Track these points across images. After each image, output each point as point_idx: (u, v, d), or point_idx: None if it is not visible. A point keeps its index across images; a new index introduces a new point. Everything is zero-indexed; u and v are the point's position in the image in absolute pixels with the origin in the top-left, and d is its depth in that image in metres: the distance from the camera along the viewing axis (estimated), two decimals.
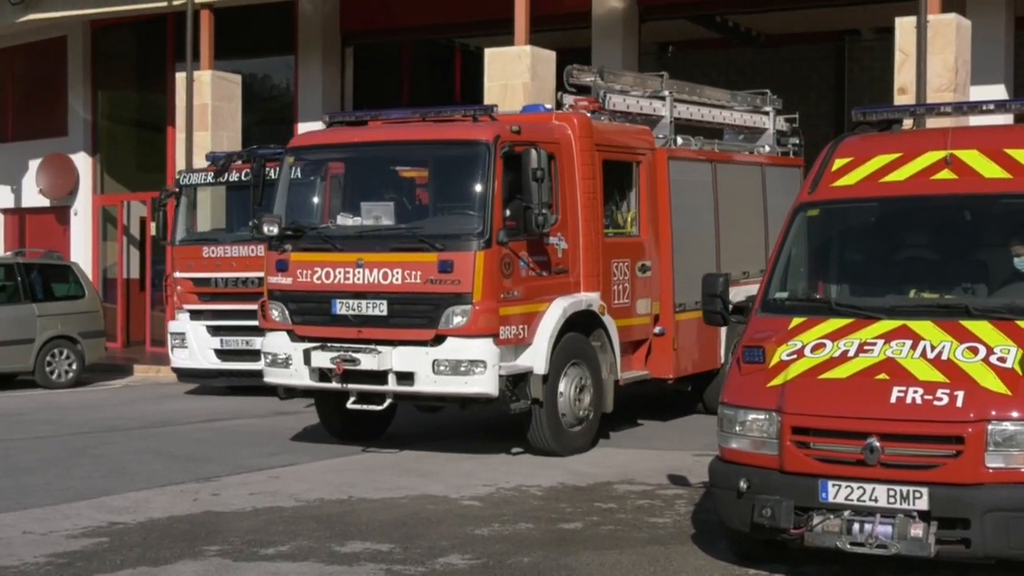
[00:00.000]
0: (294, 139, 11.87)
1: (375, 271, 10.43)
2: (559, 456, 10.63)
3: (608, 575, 7.04)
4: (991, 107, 8.28)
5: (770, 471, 6.58)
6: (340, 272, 10.58)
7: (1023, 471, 6.14)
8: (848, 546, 6.31)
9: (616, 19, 18.84)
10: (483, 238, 10.20)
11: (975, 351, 6.49)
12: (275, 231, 10.90)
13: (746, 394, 6.83)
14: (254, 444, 11.72)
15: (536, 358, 10.51)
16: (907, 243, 7.63)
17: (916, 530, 6.21)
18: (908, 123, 8.64)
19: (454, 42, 22.44)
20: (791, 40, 23.10)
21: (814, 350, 6.80)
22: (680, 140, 12.87)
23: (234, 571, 7.17)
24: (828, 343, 6.81)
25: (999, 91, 15.42)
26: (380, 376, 10.43)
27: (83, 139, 23.60)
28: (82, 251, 22.99)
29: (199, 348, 15.27)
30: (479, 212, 10.30)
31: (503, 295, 10.30)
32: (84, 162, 23.45)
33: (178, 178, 16.06)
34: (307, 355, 10.63)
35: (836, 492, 6.38)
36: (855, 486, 6.34)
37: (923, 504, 6.21)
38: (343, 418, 11.34)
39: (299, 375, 10.78)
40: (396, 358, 10.36)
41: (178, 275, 15.49)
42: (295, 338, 10.83)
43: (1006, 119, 9.29)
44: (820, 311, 7.14)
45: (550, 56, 15.69)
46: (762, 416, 6.66)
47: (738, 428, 6.78)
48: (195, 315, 15.37)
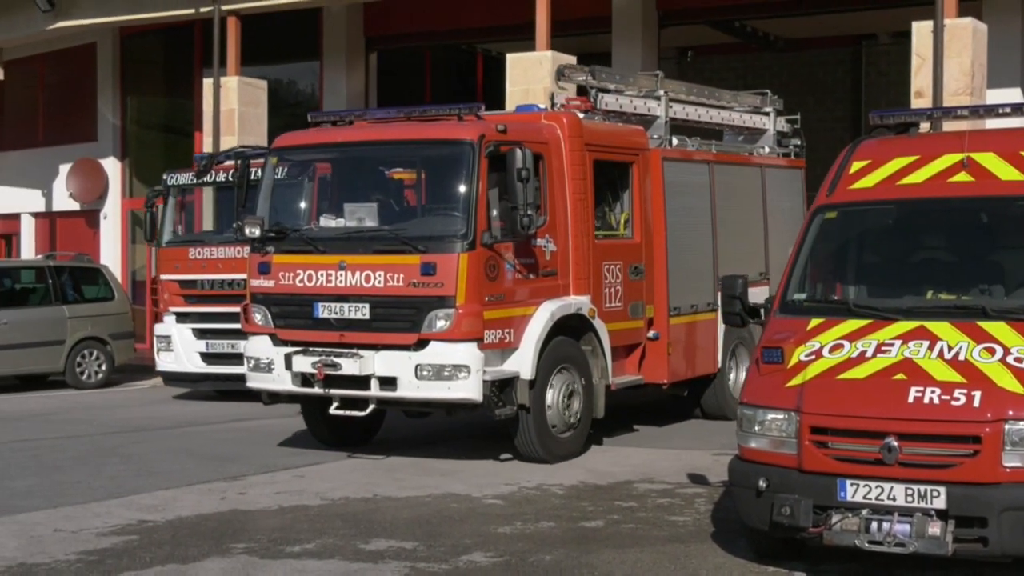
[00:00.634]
0: (277, 139, 11.65)
1: (357, 273, 10.20)
2: (547, 463, 10.39)
3: (629, 573, 7.13)
4: (1007, 110, 8.31)
5: (789, 470, 6.66)
6: (322, 275, 10.35)
7: None
8: (866, 544, 6.37)
9: (636, 24, 18.93)
10: (467, 240, 9.95)
11: (992, 352, 6.56)
12: (257, 233, 10.67)
13: (765, 394, 6.91)
14: (280, 444, 11.82)
15: (523, 363, 10.25)
16: (924, 245, 7.69)
17: (934, 529, 6.27)
18: (925, 126, 8.70)
19: (476, 47, 22.56)
20: (809, 44, 23.14)
21: (832, 351, 6.88)
22: (675, 140, 12.55)
23: (261, 568, 7.27)
24: (846, 344, 6.88)
25: (1015, 95, 15.40)
26: (362, 381, 10.20)
27: (112, 144, 23.86)
28: (111, 254, 23.22)
29: (185, 351, 14.97)
30: (463, 213, 10.04)
31: (488, 298, 10.05)
32: (113, 167, 23.71)
33: (165, 179, 15.72)
34: (288, 360, 10.42)
35: (854, 491, 6.45)
36: (873, 485, 6.41)
37: (941, 503, 6.27)
38: (329, 424, 11.15)
39: (281, 380, 10.56)
40: (379, 363, 10.12)
41: (164, 277, 15.20)
42: (277, 342, 10.61)
43: (1022, 122, 9.33)
44: (838, 312, 7.22)
45: (571, 61, 15.77)
46: (781, 416, 6.74)
47: (757, 428, 6.85)
48: (181, 318, 15.06)
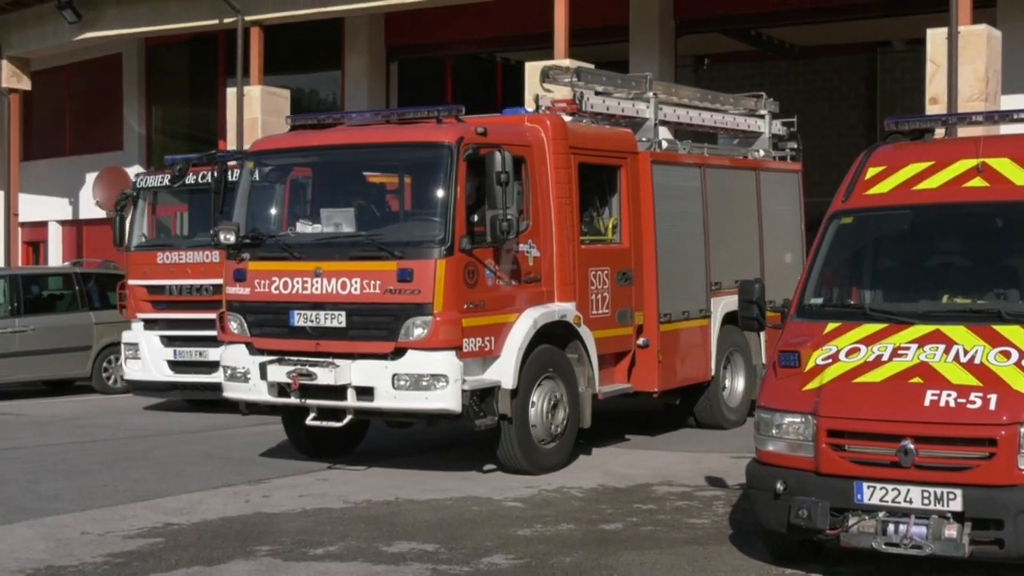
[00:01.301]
0: (254, 143, 11.40)
1: (333, 280, 9.93)
2: (530, 475, 10.10)
3: (648, 575, 7.19)
4: (1022, 116, 8.34)
5: (806, 473, 6.71)
6: (298, 282, 10.08)
7: None
8: (883, 546, 6.42)
9: (653, 32, 19.04)
10: (444, 245, 9.64)
11: (1007, 355, 6.60)
12: (232, 239, 10.39)
13: (782, 398, 6.97)
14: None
15: (504, 372, 9.94)
16: (939, 250, 7.74)
17: (950, 531, 6.31)
18: (940, 132, 8.74)
19: (496, 56, 22.71)
20: (824, 52, 23.22)
21: (849, 354, 6.94)
22: (665, 143, 12.21)
23: (284, 570, 7.36)
24: (862, 347, 6.94)
25: None
26: (339, 391, 9.91)
27: (138, 153, 24.11)
28: None
29: (152, 359, 14.47)
30: (441, 218, 9.73)
31: (467, 305, 9.73)
32: None
33: (134, 181, 15.28)
34: (263, 369, 10.15)
35: (871, 493, 6.50)
36: (890, 487, 6.46)
37: (957, 505, 6.32)
38: (309, 434, 10.83)
39: (257, 390, 10.30)
40: (355, 372, 9.83)
41: (131, 282, 14.76)
42: (253, 351, 10.34)
43: None
44: (854, 316, 7.27)
45: (590, 70, 15.83)
46: (798, 419, 6.80)
47: (774, 431, 6.91)
48: (149, 324, 14.59)
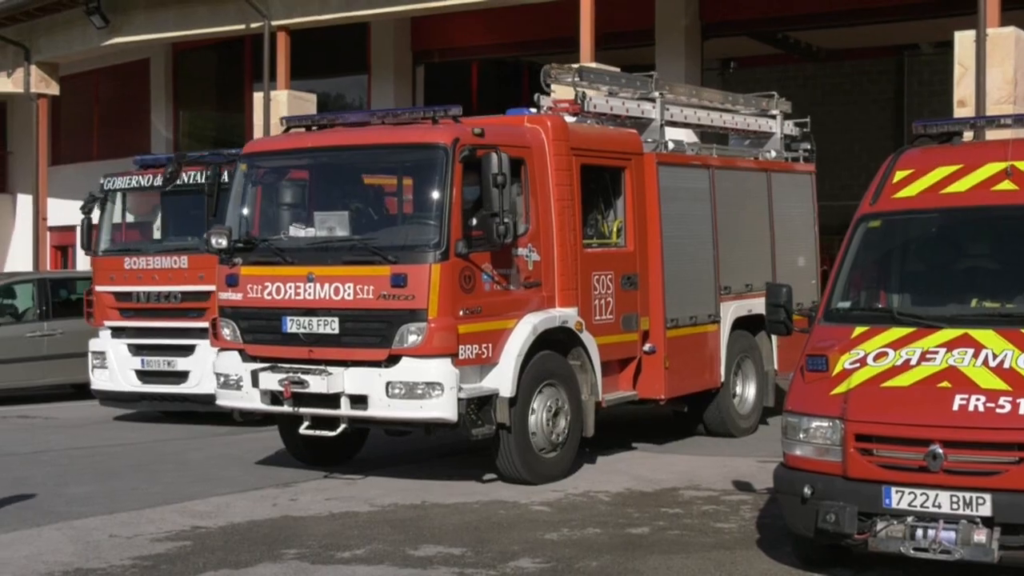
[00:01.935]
0: (247, 145, 11.22)
1: (326, 286, 9.72)
2: (530, 484, 9.88)
3: None
4: None
5: (834, 477, 6.69)
6: (291, 287, 9.88)
7: None
8: (912, 551, 6.40)
9: (679, 36, 19.01)
10: (439, 249, 9.41)
11: None
12: (224, 243, 10.23)
13: (810, 402, 6.96)
14: None
15: (502, 380, 9.70)
16: (968, 253, 7.71)
17: (979, 536, 6.28)
18: (968, 135, 8.71)
19: (521, 60, 22.72)
20: (851, 55, 23.13)
21: (877, 358, 6.91)
22: (672, 144, 11.87)
23: (311, 574, 7.39)
24: (890, 352, 6.91)
25: None
26: (332, 399, 9.70)
27: None
28: None
29: (119, 368, 14.00)
30: (436, 221, 9.49)
31: (463, 311, 9.50)
32: None
33: (102, 183, 14.74)
34: (255, 376, 9.98)
35: (899, 498, 6.48)
36: (918, 492, 6.44)
37: (986, 510, 6.29)
38: (306, 441, 10.55)
39: (250, 398, 10.12)
40: (348, 380, 9.62)
41: (98, 289, 14.26)
42: (246, 358, 10.16)
43: None
44: (882, 320, 7.25)
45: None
46: (826, 423, 6.78)
47: (802, 435, 6.89)
48: (116, 332, 14.11)
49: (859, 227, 7.75)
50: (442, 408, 9.41)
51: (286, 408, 9.97)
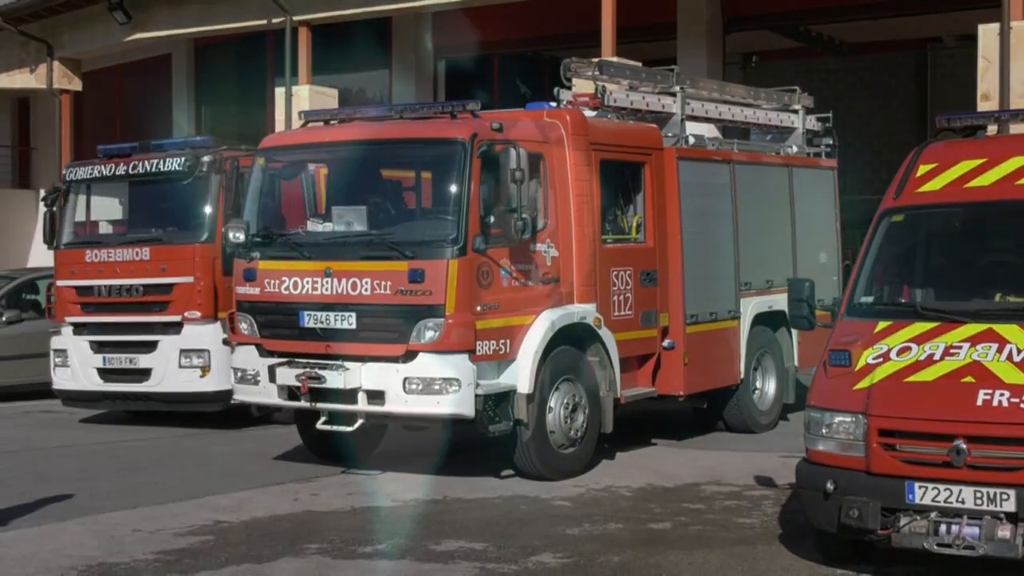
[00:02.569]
0: (264, 139, 11.20)
1: (344, 281, 9.69)
2: (548, 480, 9.84)
3: (697, 574, 7.18)
4: None
5: (857, 472, 6.67)
6: (308, 282, 9.86)
7: None
8: (935, 547, 6.38)
9: (701, 30, 18.96)
10: (457, 245, 9.37)
11: None
12: (242, 238, 10.22)
13: (833, 397, 6.94)
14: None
15: (520, 376, 9.66)
16: (992, 247, 7.68)
17: (1003, 531, 6.26)
18: (992, 129, 8.64)
19: (542, 54, 22.70)
20: (873, 48, 23.00)
21: (900, 353, 6.89)
22: (692, 139, 11.78)
23: (333, 568, 7.41)
24: (914, 346, 6.89)
25: None
26: (349, 395, 9.67)
27: None
28: None
29: (81, 367, 13.49)
30: (454, 216, 9.45)
31: (480, 307, 9.47)
32: None
33: (64, 173, 14.26)
34: (272, 371, 9.97)
35: (923, 493, 6.46)
36: (942, 488, 6.42)
37: (1010, 506, 6.26)
38: (323, 437, 10.56)
39: (267, 392, 10.10)
40: (365, 375, 9.59)
41: (59, 283, 13.78)
42: (264, 353, 10.13)
43: None
44: (905, 315, 7.23)
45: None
46: (849, 418, 6.76)
47: (825, 430, 6.88)
48: (78, 329, 13.59)
49: (882, 221, 7.72)
50: (459, 404, 9.39)
51: (303, 403, 9.95)
